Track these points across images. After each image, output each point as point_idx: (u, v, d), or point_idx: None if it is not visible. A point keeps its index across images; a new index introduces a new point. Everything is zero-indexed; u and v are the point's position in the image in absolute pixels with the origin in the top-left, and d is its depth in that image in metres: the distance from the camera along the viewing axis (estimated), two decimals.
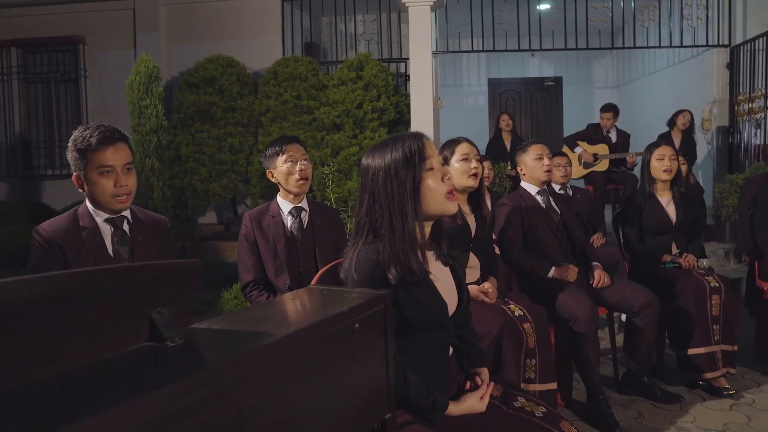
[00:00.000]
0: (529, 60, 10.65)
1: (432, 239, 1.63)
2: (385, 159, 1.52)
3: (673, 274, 3.05)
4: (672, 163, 3.21)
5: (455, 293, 1.66)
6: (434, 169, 1.52)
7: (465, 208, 2.59)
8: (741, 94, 6.73)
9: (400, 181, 1.49)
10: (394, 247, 1.48)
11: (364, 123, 5.93)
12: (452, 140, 2.57)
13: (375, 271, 1.49)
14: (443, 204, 1.52)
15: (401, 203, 1.48)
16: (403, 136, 1.55)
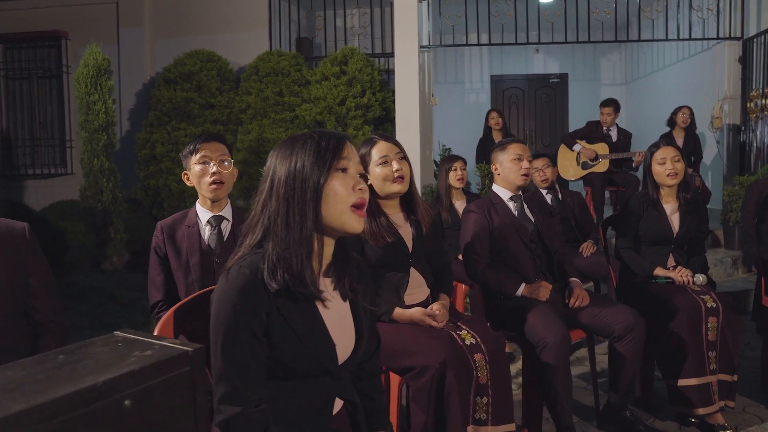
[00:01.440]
0: (533, 56, 10.24)
1: (333, 264, 1.34)
2: (294, 151, 1.29)
3: (664, 290, 2.67)
4: (676, 165, 2.83)
5: (352, 336, 1.34)
6: (347, 173, 1.29)
7: (397, 219, 2.23)
8: (754, 90, 6.29)
9: (305, 176, 1.26)
10: (286, 249, 1.24)
11: (347, 120, 5.59)
12: (368, 140, 2.20)
13: (248, 289, 1.22)
14: (345, 215, 1.27)
15: (302, 202, 1.25)
16: (322, 132, 1.32)
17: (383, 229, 2.13)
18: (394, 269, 2.19)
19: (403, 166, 2.15)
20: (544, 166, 3.99)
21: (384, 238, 2.12)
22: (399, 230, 2.20)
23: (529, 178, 2.61)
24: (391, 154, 2.15)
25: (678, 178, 2.84)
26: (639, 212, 2.87)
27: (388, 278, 2.18)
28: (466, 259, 2.59)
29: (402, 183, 2.14)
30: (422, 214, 2.25)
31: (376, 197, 2.19)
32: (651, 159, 2.89)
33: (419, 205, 2.25)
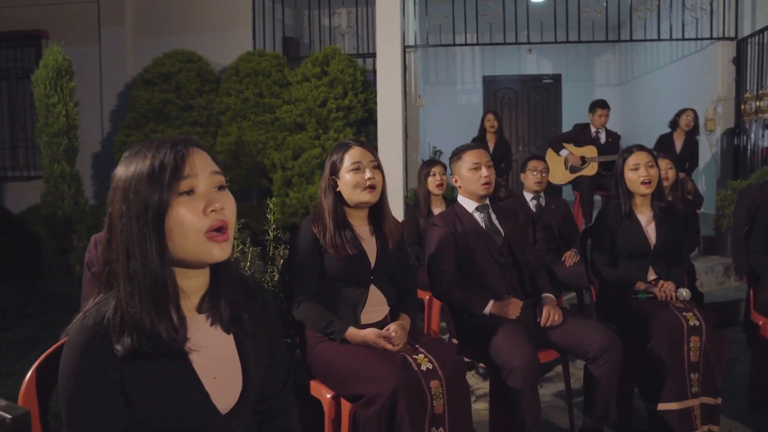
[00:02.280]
0: (526, 56, 10.09)
1: (208, 294, 1.12)
2: (129, 171, 1.03)
3: (645, 306, 2.50)
4: (650, 171, 2.66)
5: (238, 376, 1.13)
6: (194, 195, 1.03)
7: (363, 231, 2.08)
8: (748, 92, 6.12)
9: (140, 205, 1.00)
10: (132, 305, 1.00)
11: (328, 122, 5.42)
12: (342, 144, 2.07)
13: (92, 349, 0.99)
14: (200, 247, 1.03)
15: (140, 239, 1.00)
16: (164, 141, 1.06)
17: (346, 241, 1.98)
18: (353, 284, 2.04)
19: (376, 176, 2.01)
20: (542, 169, 3.83)
21: (345, 250, 1.97)
22: (363, 243, 2.05)
23: (491, 186, 2.44)
24: (365, 161, 2.01)
25: (652, 186, 2.67)
26: (613, 225, 2.70)
27: (346, 294, 2.03)
28: (430, 275, 2.42)
29: (372, 193, 2.00)
30: (390, 228, 2.10)
31: (343, 205, 2.04)
32: (623, 165, 2.71)
33: (388, 219, 2.11)
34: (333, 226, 2.00)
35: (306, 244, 2.03)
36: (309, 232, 2.04)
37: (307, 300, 2.01)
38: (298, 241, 2.06)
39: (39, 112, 4.53)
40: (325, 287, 2.05)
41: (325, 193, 2.06)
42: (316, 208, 2.10)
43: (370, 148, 2.08)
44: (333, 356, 1.94)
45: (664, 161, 3.62)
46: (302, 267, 2.03)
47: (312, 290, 2.03)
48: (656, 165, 2.69)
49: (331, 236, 1.99)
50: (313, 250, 2.02)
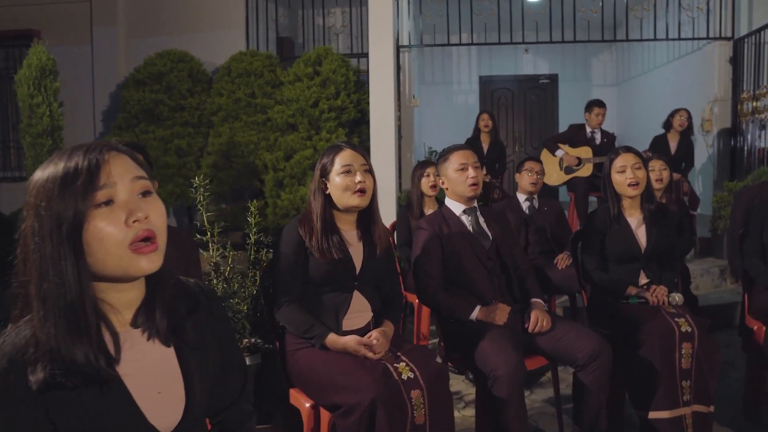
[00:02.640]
0: (522, 56, 10.03)
1: (143, 307, 1.02)
2: (39, 182, 0.94)
3: (636, 312, 2.45)
4: (637, 173, 2.60)
5: (180, 391, 1.04)
6: (113, 205, 0.93)
7: (350, 236, 2.03)
8: (745, 92, 6.07)
9: (53, 220, 0.91)
10: (44, 330, 0.91)
11: (320, 123, 5.37)
12: (333, 147, 2.02)
13: (5, 381, 0.90)
14: (125, 260, 0.93)
15: (54, 257, 0.91)
16: (78, 148, 0.96)
17: (332, 246, 1.93)
18: (337, 290, 1.98)
19: (366, 179, 1.96)
20: (538, 171, 3.77)
21: (331, 255, 1.91)
22: (349, 248, 2.00)
23: (479, 187, 2.38)
24: (356, 165, 1.96)
25: (640, 188, 2.61)
26: (602, 228, 2.65)
27: (329, 299, 1.98)
28: (416, 279, 2.37)
29: (363, 197, 1.95)
30: (379, 234, 2.05)
31: (332, 209, 1.99)
32: (610, 168, 2.66)
33: (377, 225, 2.05)
34: (320, 229, 1.95)
35: (291, 247, 1.98)
36: (295, 234, 1.99)
37: (288, 303, 1.95)
38: (282, 243, 2.00)
39: (23, 113, 4.47)
40: (308, 291, 1.99)
41: (315, 195, 2.00)
42: (304, 210, 2.05)
43: (362, 151, 2.03)
44: (312, 364, 1.89)
45: (658, 162, 3.56)
46: (286, 269, 1.98)
47: (294, 293, 1.97)
48: (644, 167, 2.63)
49: (317, 239, 1.94)
50: (298, 252, 1.97)
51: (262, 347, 2.21)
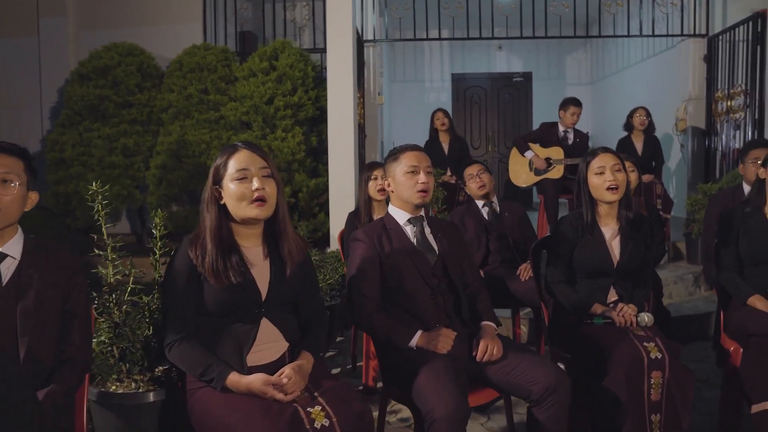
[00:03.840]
0: (495, 54, 9.79)
1: None
2: None
3: (601, 334, 2.18)
4: (617, 175, 2.33)
5: None
6: None
7: (254, 253, 1.72)
8: (719, 91, 5.88)
9: None
10: None
11: (275, 121, 5.04)
12: (228, 147, 1.74)
13: None
14: None
15: None
16: None
17: (229, 267, 1.62)
18: (239, 320, 1.67)
19: (267, 186, 1.66)
20: (479, 172, 3.49)
21: (228, 278, 1.60)
22: (252, 269, 1.69)
23: (428, 195, 2.09)
24: (253, 168, 1.66)
25: (620, 193, 2.34)
26: (572, 238, 2.37)
27: (230, 331, 1.66)
28: (350, 300, 2.06)
29: (262, 207, 1.65)
30: (289, 249, 1.74)
31: (230, 222, 1.68)
32: (586, 169, 2.39)
33: (286, 238, 1.74)
34: (214, 247, 1.64)
35: (180, 273, 1.67)
36: (184, 256, 1.68)
37: (180, 341, 1.64)
38: (171, 270, 1.69)
39: None
40: (205, 323, 1.68)
41: (207, 206, 1.69)
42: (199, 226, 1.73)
43: (263, 153, 1.72)
44: (213, 406, 1.58)
45: (626, 163, 3.31)
46: (175, 301, 1.67)
47: (187, 328, 1.66)
48: (624, 170, 2.37)
49: (211, 261, 1.63)
50: (190, 279, 1.66)
51: (166, 379, 1.89)
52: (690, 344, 3.83)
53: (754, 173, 3.32)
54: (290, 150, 4.94)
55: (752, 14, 5.37)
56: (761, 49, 5.26)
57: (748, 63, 5.38)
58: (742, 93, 5.45)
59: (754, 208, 2.51)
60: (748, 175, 3.37)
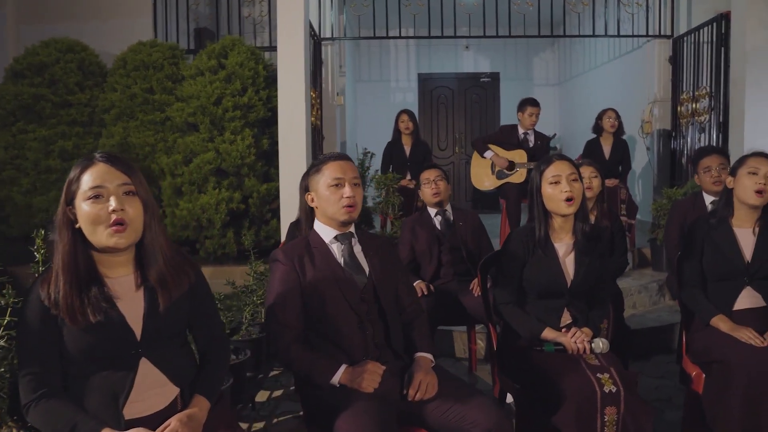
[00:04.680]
0: (463, 54, 9.63)
1: None
2: None
3: (551, 363, 1.96)
4: (574, 185, 2.12)
5: None
6: None
7: (124, 284, 1.46)
8: (684, 93, 5.77)
9: None
10: None
11: (223, 123, 4.75)
12: (83, 160, 1.46)
13: None
14: None
15: None
16: None
17: (87, 303, 1.35)
18: (111, 365, 1.41)
19: (128, 206, 1.39)
20: (436, 177, 3.27)
21: (86, 318, 1.34)
22: (120, 303, 1.42)
23: (356, 210, 1.85)
24: (110, 186, 1.39)
25: (576, 205, 2.13)
26: (522, 255, 2.16)
27: (102, 380, 1.40)
28: (267, 330, 1.82)
29: (121, 233, 1.38)
30: (161, 276, 1.47)
31: (89, 249, 1.42)
32: (540, 178, 2.17)
33: (156, 265, 1.47)
34: (67, 282, 1.37)
35: (32, 319, 1.39)
36: (35, 299, 1.40)
37: (38, 400, 1.36)
38: (23, 315, 1.41)
39: None
40: (73, 373, 1.41)
41: (60, 231, 1.42)
42: None
43: (125, 166, 1.44)
44: None
45: (588, 169, 3.12)
46: (30, 352, 1.39)
47: (46, 383, 1.38)
48: (580, 179, 2.16)
49: (65, 297, 1.36)
50: (44, 324, 1.38)
51: None
52: (653, 357, 3.67)
53: (708, 182, 3.21)
54: (239, 153, 4.66)
55: (716, 15, 5.26)
56: (725, 51, 5.15)
57: (713, 65, 5.26)
58: (706, 95, 5.33)
59: (720, 220, 2.33)
60: (704, 184, 3.26)
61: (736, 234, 2.29)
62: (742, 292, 2.25)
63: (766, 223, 2.27)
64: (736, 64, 4.95)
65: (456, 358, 3.64)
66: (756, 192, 2.20)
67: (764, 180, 2.20)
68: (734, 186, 2.30)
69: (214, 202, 4.59)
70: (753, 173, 2.22)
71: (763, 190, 2.19)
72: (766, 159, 2.24)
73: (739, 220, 2.31)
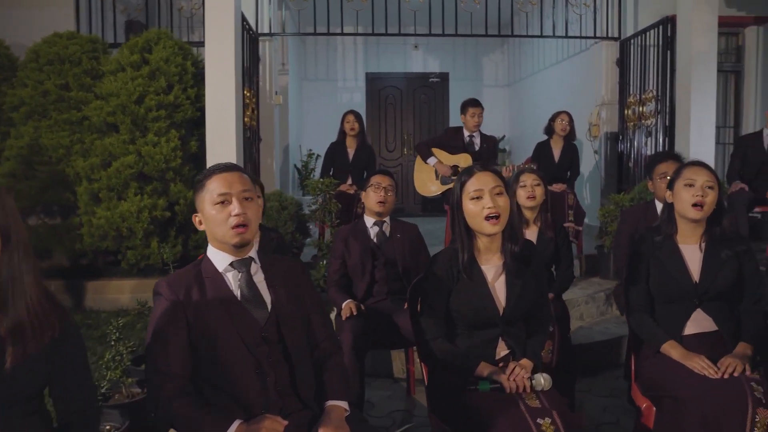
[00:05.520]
0: (412, 53, 9.41)
1: None
2: None
3: (487, 405, 1.72)
4: (498, 200, 1.85)
5: None
6: None
7: None
8: (631, 96, 5.68)
9: None
10: None
11: (146, 123, 4.37)
12: None
13: None
14: None
15: None
16: None
17: None
18: None
19: None
20: (388, 185, 2.98)
21: None
22: None
23: (249, 231, 1.55)
24: None
25: (501, 223, 1.87)
26: (447, 282, 1.90)
27: None
28: (147, 379, 1.51)
29: None
30: (15, 322, 1.17)
31: None
32: (461, 193, 1.91)
33: (18, 307, 1.17)
34: None
35: None
36: None
37: None
38: None
39: None
40: None
41: None
42: None
43: None
44: None
45: (530, 176, 2.91)
46: None
47: None
48: (506, 192, 1.91)
49: None
50: None
51: None
52: (601, 373, 3.50)
53: (662, 190, 2.99)
54: (164, 157, 4.29)
55: (662, 18, 5.18)
56: (671, 54, 5.07)
57: (659, 68, 5.18)
58: (653, 99, 5.24)
59: (664, 237, 2.14)
60: (658, 191, 3.05)
61: (682, 251, 2.10)
62: (692, 315, 2.06)
63: (711, 238, 2.08)
64: (682, 68, 4.87)
65: (394, 379, 3.39)
66: (693, 205, 2.02)
67: (701, 192, 2.00)
68: (673, 200, 2.11)
69: (135, 209, 4.21)
70: (689, 185, 2.04)
71: (701, 203, 2.00)
72: (703, 168, 2.06)
73: (683, 236, 2.12)
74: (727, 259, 2.03)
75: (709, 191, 2.01)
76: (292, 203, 4.24)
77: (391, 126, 9.45)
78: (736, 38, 6.27)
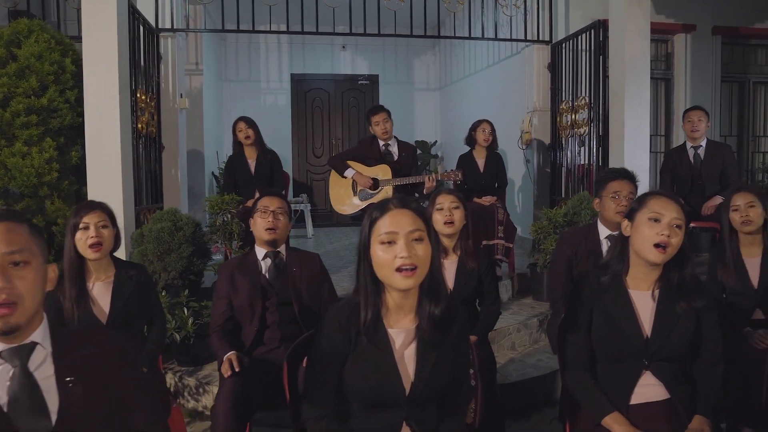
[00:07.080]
0: (340, 54, 8.96)
1: None
2: None
3: None
4: (414, 248, 1.36)
5: None
6: None
7: None
8: (563, 102, 5.41)
9: None
10: None
11: (13, 130, 3.73)
12: None
13: None
14: None
15: None
16: None
17: None
18: None
19: None
20: (277, 209, 2.49)
21: None
22: None
23: (15, 311, 1.06)
24: None
25: (418, 276, 1.40)
26: (342, 347, 1.45)
27: None
28: None
29: None
30: None
31: None
32: (369, 234, 1.46)
33: None
34: None
35: None
36: None
37: None
38: None
39: None
40: None
41: None
42: None
43: None
44: None
45: (447, 198, 2.51)
46: None
47: None
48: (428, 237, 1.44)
49: None
50: None
51: None
52: (533, 414, 3.14)
53: (611, 210, 2.60)
54: (35, 170, 3.66)
55: (593, 22, 4.93)
56: (603, 59, 4.82)
57: (591, 74, 4.92)
58: (585, 106, 4.98)
59: (612, 277, 1.76)
60: (606, 212, 2.61)
61: (632, 298, 1.73)
62: (640, 379, 1.68)
63: (667, 285, 1.71)
64: (615, 74, 4.61)
65: None
66: (656, 246, 1.64)
67: (668, 231, 1.63)
68: (631, 234, 1.72)
69: None
70: (654, 220, 1.65)
71: (665, 244, 1.63)
72: (672, 202, 1.67)
73: (634, 279, 1.74)
74: (683, 314, 1.66)
75: (677, 231, 1.64)
76: (188, 223, 3.69)
77: (318, 130, 8.97)
78: (665, 45, 6.13)
